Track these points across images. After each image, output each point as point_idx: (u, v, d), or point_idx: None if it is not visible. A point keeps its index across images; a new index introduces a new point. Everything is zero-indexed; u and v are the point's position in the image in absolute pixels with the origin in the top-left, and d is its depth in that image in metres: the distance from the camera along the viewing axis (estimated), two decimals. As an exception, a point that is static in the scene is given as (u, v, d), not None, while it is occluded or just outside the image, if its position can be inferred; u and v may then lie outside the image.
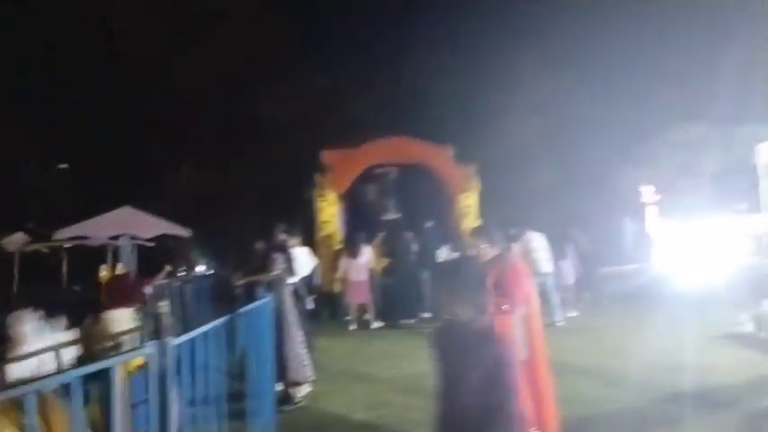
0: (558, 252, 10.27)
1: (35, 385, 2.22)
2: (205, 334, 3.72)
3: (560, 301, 10.01)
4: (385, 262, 11.05)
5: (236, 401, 4.38)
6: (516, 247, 8.87)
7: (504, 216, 12.27)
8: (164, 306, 3.36)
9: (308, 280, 7.33)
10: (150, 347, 3.01)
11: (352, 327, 10.35)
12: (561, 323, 9.45)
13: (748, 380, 5.86)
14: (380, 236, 11.03)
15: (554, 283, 9.78)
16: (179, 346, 3.33)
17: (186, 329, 3.49)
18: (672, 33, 20.84)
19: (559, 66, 22.25)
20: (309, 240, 10.42)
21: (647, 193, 22.02)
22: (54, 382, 2.44)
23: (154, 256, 11.74)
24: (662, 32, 20.79)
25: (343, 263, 10.59)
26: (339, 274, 10.80)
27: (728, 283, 11.66)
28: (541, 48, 22.49)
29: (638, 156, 21.24)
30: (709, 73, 19.39)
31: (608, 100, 21.57)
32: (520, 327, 3.93)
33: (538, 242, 9.56)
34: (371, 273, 10.64)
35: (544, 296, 8.96)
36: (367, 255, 10.57)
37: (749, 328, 7.80)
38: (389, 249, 10.79)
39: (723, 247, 15.87)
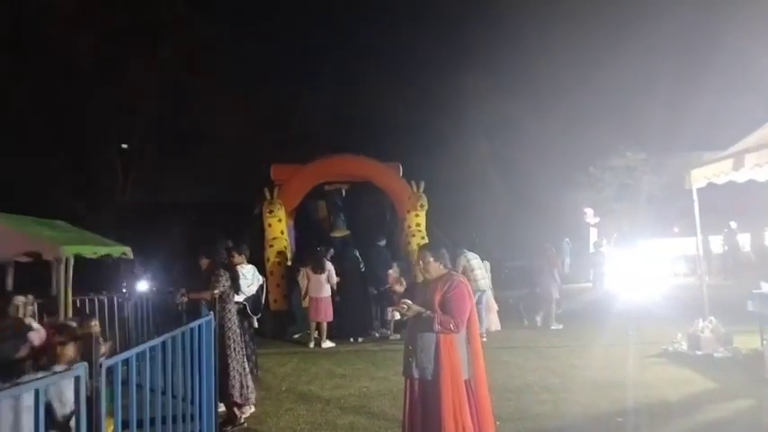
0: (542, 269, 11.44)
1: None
2: (142, 354, 3.56)
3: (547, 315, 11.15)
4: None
5: (177, 423, 4.20)
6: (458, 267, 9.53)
7: (451, 235, 12.42)
8: (94, 325, 3.19)
9: (254, 298, 7.17)
10: (78, 369, 2.85)
11: (311, 345, 10.05)
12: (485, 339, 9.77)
13: (683, 396, 6.07)
14: (329, 253, 10.88)
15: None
16: (112, 366, 3.17)
17: (125, 349, 3.34)
18: (614, 67, 21.88)
19: (507, 93, 22.96)
20: (257, 257, 10.21)
21: (589, 215, 22.76)
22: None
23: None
24: (605, 66, 21.80)
25: (305, 279, 10.28)
26: (303, 291, 10.46)
27: (664, 302, 12.13)
28: (490, 74, 23.19)
29: (580, 179, 21.99)
30: (648, 104, 20.42)
31: (553, 126, 22.35)
32: (463, 346, 3.95)
33: (475, 261, 10.08)
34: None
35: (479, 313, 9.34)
36: (330, 271, 10.28)
37: (684, 346, 8.10)
38: (338, 267, 10.64)
39: (659, 268, 16.55)
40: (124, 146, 21.40)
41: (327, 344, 10.02)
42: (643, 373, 7.11)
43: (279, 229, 11.97)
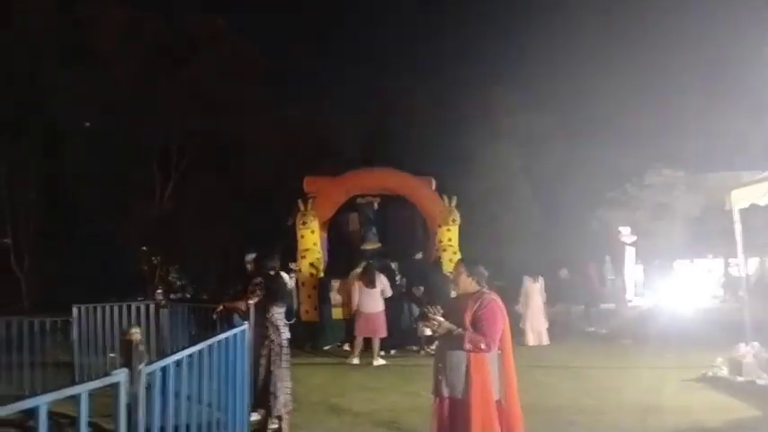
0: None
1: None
2: (179, 361, 3.63)
3: None
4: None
5: (210, 431, 4.26)
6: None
7: (484, 251, 12.33)
8: (135, 333, 3.26)
9: (288, 308, 7.19)
10: (119, 375, 2.92)
11: (355, 361, 9.66)
12: None
13: (725, 424, 5.87)
14: (362, 265, 10.80)
15: None
16: (151, 374, 3.23)
17: (162, 356, 3.42)
18: (652, 83, 21.56)
19: (541, 107, 22.78)
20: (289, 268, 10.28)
21: (625, 233, 22.31)
22: (21, 407, 2.34)
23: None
24: (642, 82, 21.49)
25: (356, 292, 10.01)
26: (354, 304, 10.12)
27: (703, 324, 11.80)
28: (523, 88, 23.08)
29: (615, 197, 21.61)
30: (685, 120, 20.03)
31: (587, 142, 22.05)
32: (495, 365, 3.91)
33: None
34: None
35: None
36: (383, 284, 10.00)
37: (724, 371, 7.84)
38: (372, 279, 10.48)
39: (698, 289, 16.11)
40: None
41: (379, 362, 9.52)
42: (681, 398, 6.90)
43: (311, 241, 12.07)
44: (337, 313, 11.29)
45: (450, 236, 12.02)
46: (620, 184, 21.60)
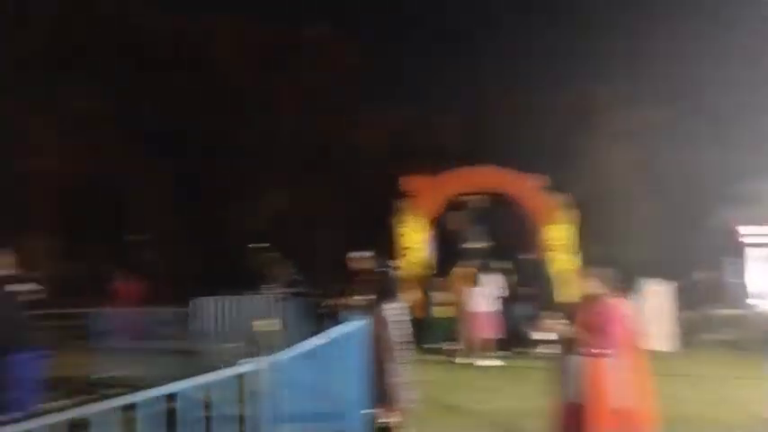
0: None
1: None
2: (303, 353, 3.78)
3: None
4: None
5: (325, 421, 4.40)
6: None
7: (601, 251, 11.83)
8: (264, 324, 3.42)
9: (401, 305, 7.22)
10: (251, 365, 3.09)
11: (463, 360, 9.62)
12: None
13: None
14: (469, 264, 10.65)
15: None
16: (276, 363, 3.39)
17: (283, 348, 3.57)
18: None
19: (657, 101, 21.54)
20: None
21: (750, 232, 20.43)
22: (165, 391, 2.53)
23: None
24: (760, 66, 19.69)
25: (463, 291, 9.97)
26: (461, 303, 10.07)
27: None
28: (634, 80, 21.87)
29: (737, 194, 19.92)
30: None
31: (707, 136, 20.58)
32: (615, 371, 3.74)
33: None
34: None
35: None
36: (490, 284, 9.92)
37: None
38: (478, 279, 10.30)
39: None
40: None
41: (485, 362, 9.38)
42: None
43: (413, 240, 12.19)
44: (441, 312, 11.28)
45: (558, 234, 11.66)
46: (743, 180, 19.88)
